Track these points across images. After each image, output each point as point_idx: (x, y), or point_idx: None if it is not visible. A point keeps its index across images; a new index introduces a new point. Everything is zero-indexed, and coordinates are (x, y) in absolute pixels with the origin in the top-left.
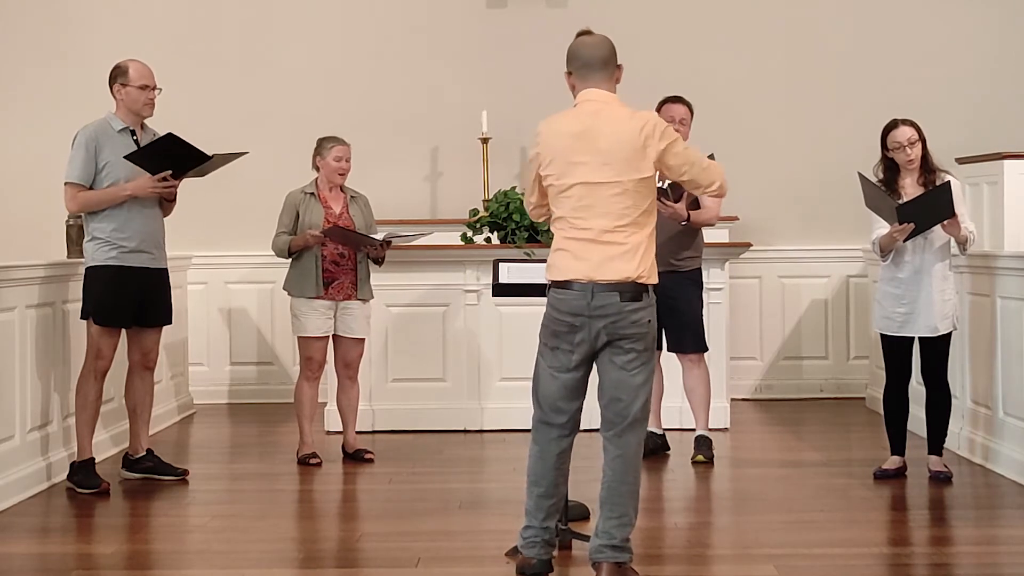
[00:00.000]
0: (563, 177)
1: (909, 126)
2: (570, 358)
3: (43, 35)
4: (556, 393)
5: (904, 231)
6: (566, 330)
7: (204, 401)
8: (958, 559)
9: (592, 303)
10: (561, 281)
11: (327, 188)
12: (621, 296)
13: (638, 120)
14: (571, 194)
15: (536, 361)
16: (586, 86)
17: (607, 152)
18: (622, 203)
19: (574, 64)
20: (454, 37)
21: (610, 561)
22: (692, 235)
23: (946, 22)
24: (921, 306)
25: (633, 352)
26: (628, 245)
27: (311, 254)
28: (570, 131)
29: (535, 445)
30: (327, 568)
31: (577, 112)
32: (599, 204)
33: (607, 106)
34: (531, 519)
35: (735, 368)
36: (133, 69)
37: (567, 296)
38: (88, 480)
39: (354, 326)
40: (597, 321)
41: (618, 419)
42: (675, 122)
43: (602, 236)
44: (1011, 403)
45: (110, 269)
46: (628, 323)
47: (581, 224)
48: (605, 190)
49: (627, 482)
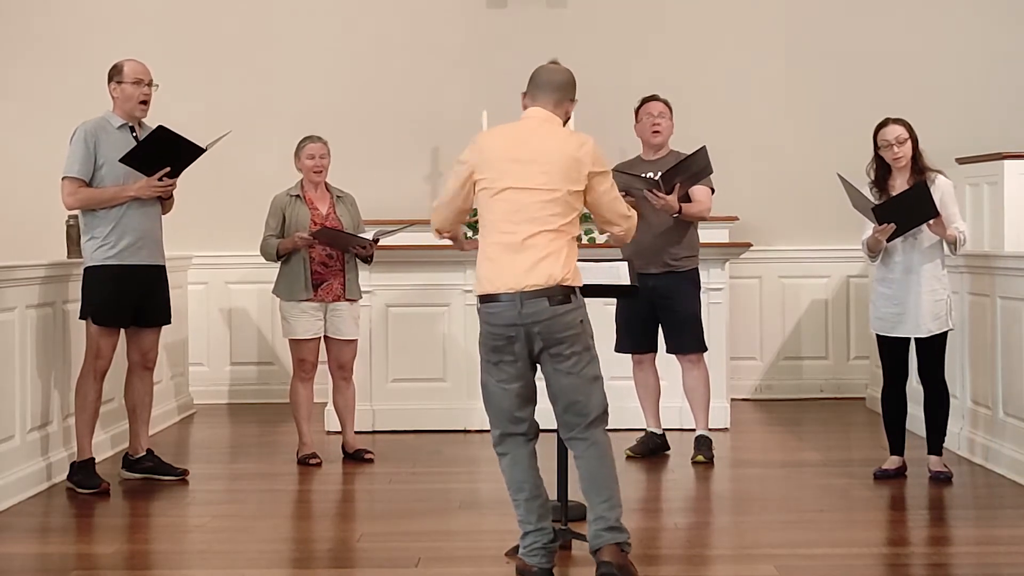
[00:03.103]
0: (496, 181)
1: (899, 125)
2: (515, 367)
3: (43, 35)
4: (511, 405)
5: (886, 232)
6: (504, 343)
7: (204, 401)
8: (958, 559)
9: (523, 311)
10: (489, 294)
11: (312, 188)
12: (550, 300)
13: (577, 138)
14: (503, 198)
15: (482, 380)
16: (534, 105)
17: (543, 160)
18: (551, 210)
19: (530, 85)
20: (454, 37)
21: (610, 543)
22: (683, 230)
23: (946, 22)
24: (911, 306)
25: (575, 355)
26: (551, 249)
27: (299, 257)
28: (509, 138)
29: (505, 456)
30: (327, 568)
31: (518, 124)
32: (528, 209)
33: (548, 123)
34: (526, 525)
35: (735, 368)
36: (127, 66)
37: (498, 308)
38: (88, 480)
39: (343, 328)
40: (531, 327)
41: (580, 419)
42: (655, 116)
43: (527, 241)
44: (1011, 403)
45: (109, 269)
46: (561, 326)
47: (508, 228)
48: (536, 196)
49: (605, 464)
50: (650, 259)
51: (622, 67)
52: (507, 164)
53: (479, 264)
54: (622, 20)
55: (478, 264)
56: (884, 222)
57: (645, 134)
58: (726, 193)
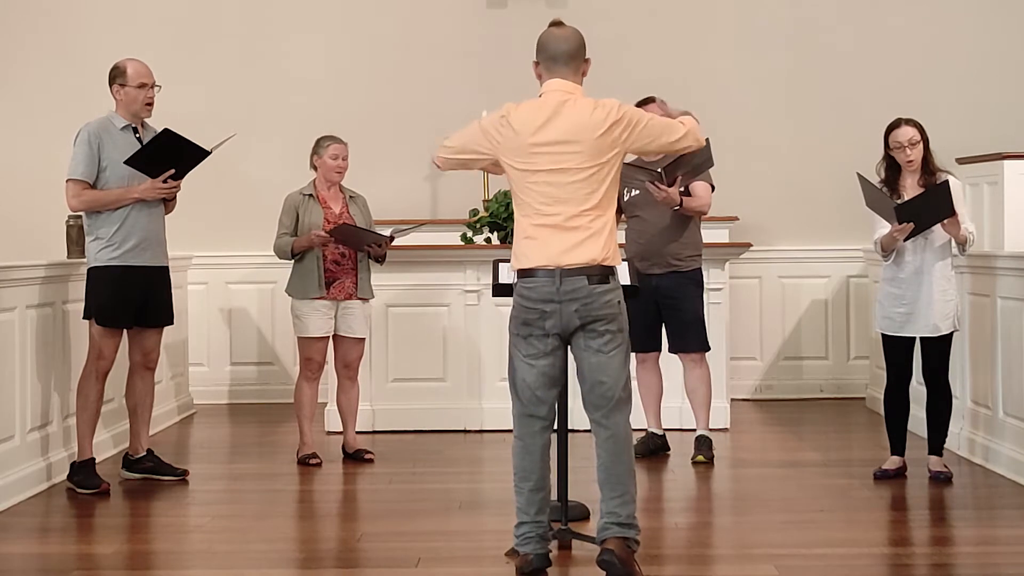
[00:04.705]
0: (529, 164)
1: (912, 126)
2: (545, 342)
3: (43, 34)
4: (535, 382)
5: (904, 231)
6: (537, 316)
7: (204, 401)
8: (958, 559)
9: (562, 288)
10: (527, 269)
11: (325, 188)
12: (589, 279)
13: (603, 108)
14: (538, 180)
15: (510, 354)
16: (552, 77)
17: (573, 139)
18: (587, 188)
19: (541, 55)
20: (454, 37)
21: (617, 536)
22: (683, 226)
23: (946, 22)
24: (922, 306)
25: (608, 334)
26: (593, 229)
27: (313, 255)
28: (536, 119)
29: (519, 440)
30: (327, 568)
31: (542, 101)
32: (565, 190)
33: (571, 96)
34: (523, 515)
35: (735, 368)
36: (131, 68)
37: (536, 283)
38: (88, 480)
39: (355, 326)
40: (568, 305)
41: (603, 401)
42: None
43: (568, 222)
44: (1011, 403)
45: (112, 270)
46: (600, 304)
47: (547, 210)
48: (571, 176)
49: (622, 461)
50: (654, 260)
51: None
52: (537, 148)
53: (516, 242)
54: (622, 20)
55: (515, 242)
56: (905, 221)
57: None
58: (726, 193)
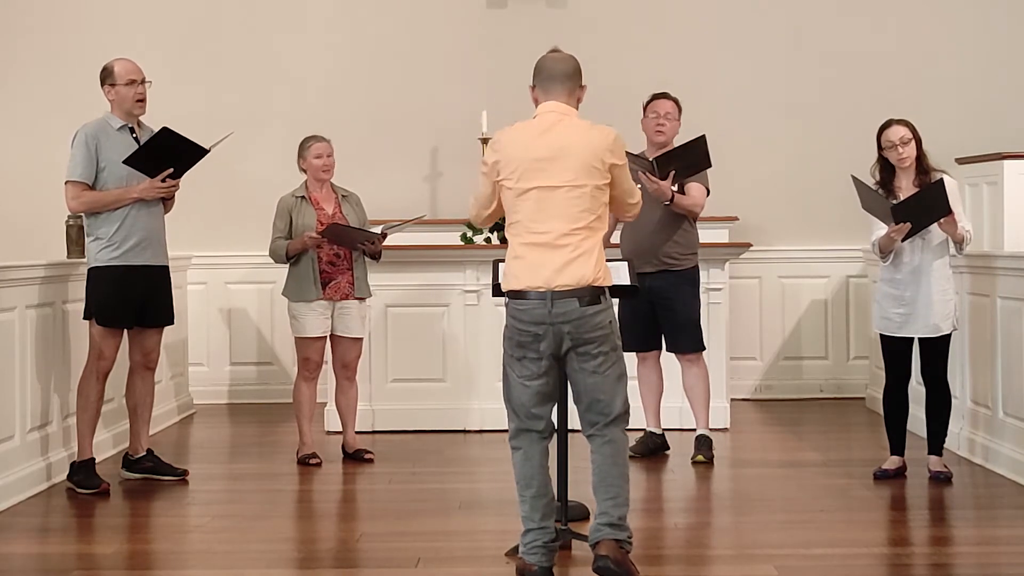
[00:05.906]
0: (521, 180)
1: (902, 125)
2: (539, 364)
3: (42, 35)
4: (530, 401)
5: (901, 231)
6: (530, 339)
7: (204, 401)
8: (958, 559)
9: (553, 310)
10: (518, 291)
11: (317, 188)
12: (580, 301)
13: (599, 130)
14: (529, 197)
15: (504, 372)
16: (547, 99)
17: (567, 156)
18: (579, 206)
19: (538, 77)
20: (454, 37)
21: (608, 538)
22: (676, 225)
23: (946, 22)
24: (920, 306)
25: (601, 355)
26: (583, 249)
27: (307, 257)
28: (530, 136)
29: (518, 451)
30: (326, 568)
31: (537, 121)
32: (556, 207)
33: (567, 117)
34: (528, 522)
35: (735, 368)
36: (118, 67)
37: (528, 305)
38: (88, 480)
39: (352, 326)
40: (560, 327)
41: (601, 417)
42: (660, 116)
43: (559, 240)
44: (1011, 403)
45: (113, 270)
46: (591, 326)
47: (538, 228)
48: (563, 193)
49: (617, 464)
50: (645, 258)
51: (622, 67)
52: (530, 164)
53: (508, 261)
54: (622, 20)
55: (507, 261)
56: (901, 221)
57: (649, 131)
58: (726, 193)
